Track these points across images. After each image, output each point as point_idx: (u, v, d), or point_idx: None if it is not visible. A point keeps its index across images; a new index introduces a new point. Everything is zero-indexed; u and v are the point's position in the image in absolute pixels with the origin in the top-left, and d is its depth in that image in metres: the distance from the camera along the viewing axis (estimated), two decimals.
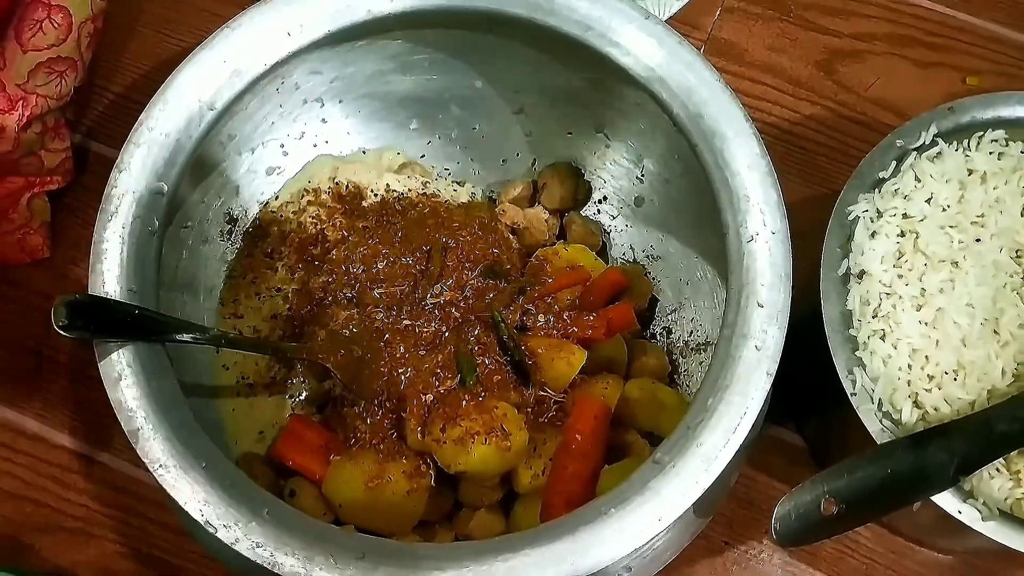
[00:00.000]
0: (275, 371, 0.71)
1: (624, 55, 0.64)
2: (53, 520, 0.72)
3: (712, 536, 0.72)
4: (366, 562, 0.52)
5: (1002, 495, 0.59)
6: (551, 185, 0.76)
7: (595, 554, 0.53)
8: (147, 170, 0.61)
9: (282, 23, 0.64)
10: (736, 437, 0.55)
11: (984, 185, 0.65)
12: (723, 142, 0.62)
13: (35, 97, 0.72)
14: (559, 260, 0.73)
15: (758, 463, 0.74)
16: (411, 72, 0.74)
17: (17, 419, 0.75)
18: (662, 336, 0.74)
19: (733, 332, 0.58)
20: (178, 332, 0.60)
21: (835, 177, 0.82)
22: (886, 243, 0.64)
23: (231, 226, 0.74)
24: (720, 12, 0.89)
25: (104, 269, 0.58)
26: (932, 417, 0.61)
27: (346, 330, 0.68)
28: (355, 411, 0.66)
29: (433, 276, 0.70)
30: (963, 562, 0.72)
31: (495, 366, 0.66)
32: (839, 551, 0.72)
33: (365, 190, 0.75)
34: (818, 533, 0.57)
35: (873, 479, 0.56)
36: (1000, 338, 0.61)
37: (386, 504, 0.63)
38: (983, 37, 0.88)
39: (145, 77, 0.86)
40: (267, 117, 0.72)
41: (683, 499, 0.54)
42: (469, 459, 0.62)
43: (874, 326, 0.62)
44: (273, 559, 0.52)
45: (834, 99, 0.86)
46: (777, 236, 0.60)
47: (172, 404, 0.56)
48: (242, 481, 0.54)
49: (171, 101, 0.62)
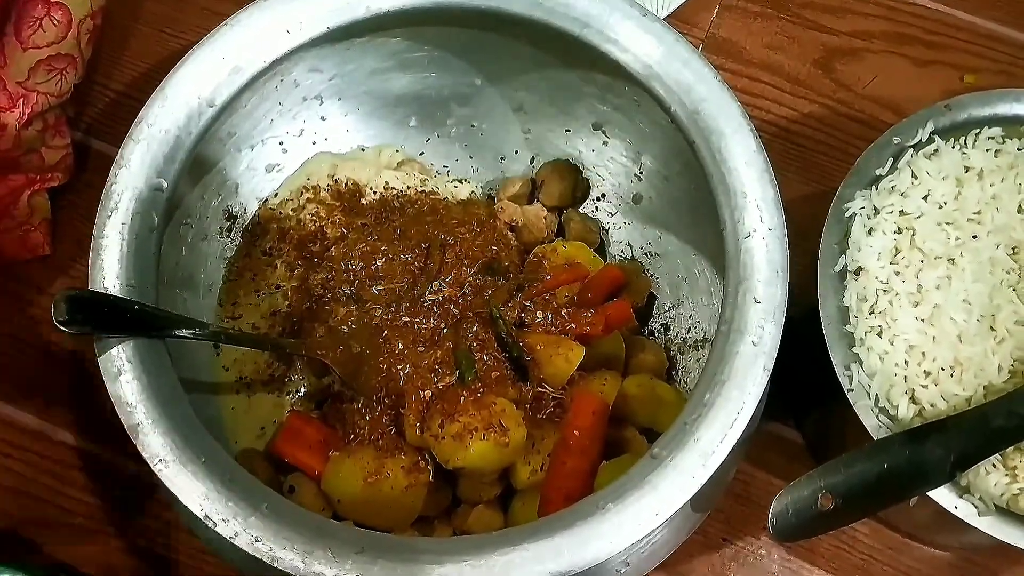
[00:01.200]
0: (274, 368, 0.71)
1: (622, 52, 0.64)
2: (54, 516, 0.72)
3: (710, 532, 0.72)
4: (365, 556, 0.52)
5: (998, 490, 0.59)
6: (549, 182, 0.77)
7: (593, 548, 0.53)
8: (147, 166, 0.61)
9: (282, 20, 0.65)
10: (733, 432, 0.55)
11: (981, 182, 0.65)
12: (720, 139, 0.62)
13: (36, 95, 0.72)
14: (557, 257, 0.73)
15: (756, 459, 0.74)
16: (410, 70, 0.74)
17: (18, 415, 0.75)
18: (660, 333, 0.75)
19: (730, 328, 0.58)
20: (178, 328, 0.60)
21: (833, 174, 0.82)
22: (883, 240, 0.64)
23: (230, 223, 0.74)
24: (718, 10, 0.89)
25: (104, 265, 0.58)
26: (929, 413, 0.61)
27: (345, 326, 0.68)
28: (354, 407, 0.66)
29: (432, 273, 0.70)
30: (960, 558, 0.73)
31: (493, 362, 0.66)
32: (836, 547, 0.73)
33: (364, 187, 0.75)
34: (815, 528, 0.57)
35: (870, 474, 0.56)
36: (996, 334, 0.61)
37: (385, 499, 0.63)
38: (981, 35, 0.88)
39: (145, 74, 0.86)
40: (266, 114, 0.72)
41: (680, 494, 0.54)
42: (467, 455, 0.62)
43: (871, 322, 0.62)
44: (272, 553, 0.52)
45: (832, 97, 0.86)
46: (774, 232, 0.60)
47: (172, 399, 0.56)
48: (241, 476, 0.55)
49: (171, 98, 0.63)
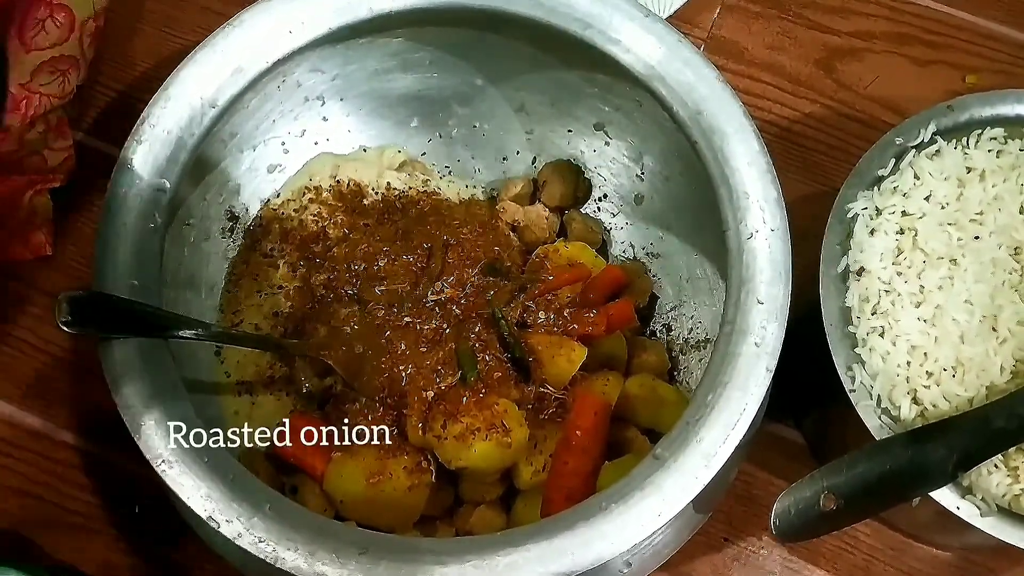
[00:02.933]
0: (276, 369, 0.71)
1: (624, 52, 0.65)
2: (56, 516, 0.72)
3: (712, 532, 0.72)
4: (368, 557, 0.52)
5: (1000, 491, 0.59)
6: (551, 183, 0.77)
7: (596, 549, 0.53)
8: (149, 167, 0.61)
9: (284, 21, 0.65)
10: (736, 433, 0.55)
11: (983, 183, 0.65)
12: (723, 139, 0.62)
13: (39, 96, 0.72)
14: (559, 257, 0.73)
15: (757, 460, 0.74)
16: (412, 70, 0.74)
17: (20, 415, 0.75)
18: (662, 333, 0.75)
19: (733, 328, 0.58)
20: (180, 328, 0.60)
21: (834, 175, 0.82)
22: (885, 240, 0.64)
23: (233, 223, 0.74)
24: (720, 10, 0.89)
25: (108, 265, 0.58)
26: (931, 414, 0.61)
27: (347, 327, 0.68)
28: (356, 408, 0.66)
29: (434, 273, 0.70)
30: (961, 558, 0.73)
31: (496, 363, 0.66)
32: (838, 547, 0.73)
33: (366, 188, 0.75)
34: (817, 528, 0.57)
35: (872, 475, 0.57)
36: (998, 335, 0.62)
37: (387, 500, 0.63)
38: (982, 35, 0.88)
39: (146, 75, 0.86)
40: (268, 115, 0.72)
41: (683, 494, 0.54)
42: (470, 455, 0.62)
43: (873, 323, 0.62)
44: (276, 554, 0.52)
45: (833, 97, 0.86)
46: (777, 233, 0.60)
47: (174, 400, 0.56)
48: (244, 477, 0.55)
49: (173, 98, 0.63)
